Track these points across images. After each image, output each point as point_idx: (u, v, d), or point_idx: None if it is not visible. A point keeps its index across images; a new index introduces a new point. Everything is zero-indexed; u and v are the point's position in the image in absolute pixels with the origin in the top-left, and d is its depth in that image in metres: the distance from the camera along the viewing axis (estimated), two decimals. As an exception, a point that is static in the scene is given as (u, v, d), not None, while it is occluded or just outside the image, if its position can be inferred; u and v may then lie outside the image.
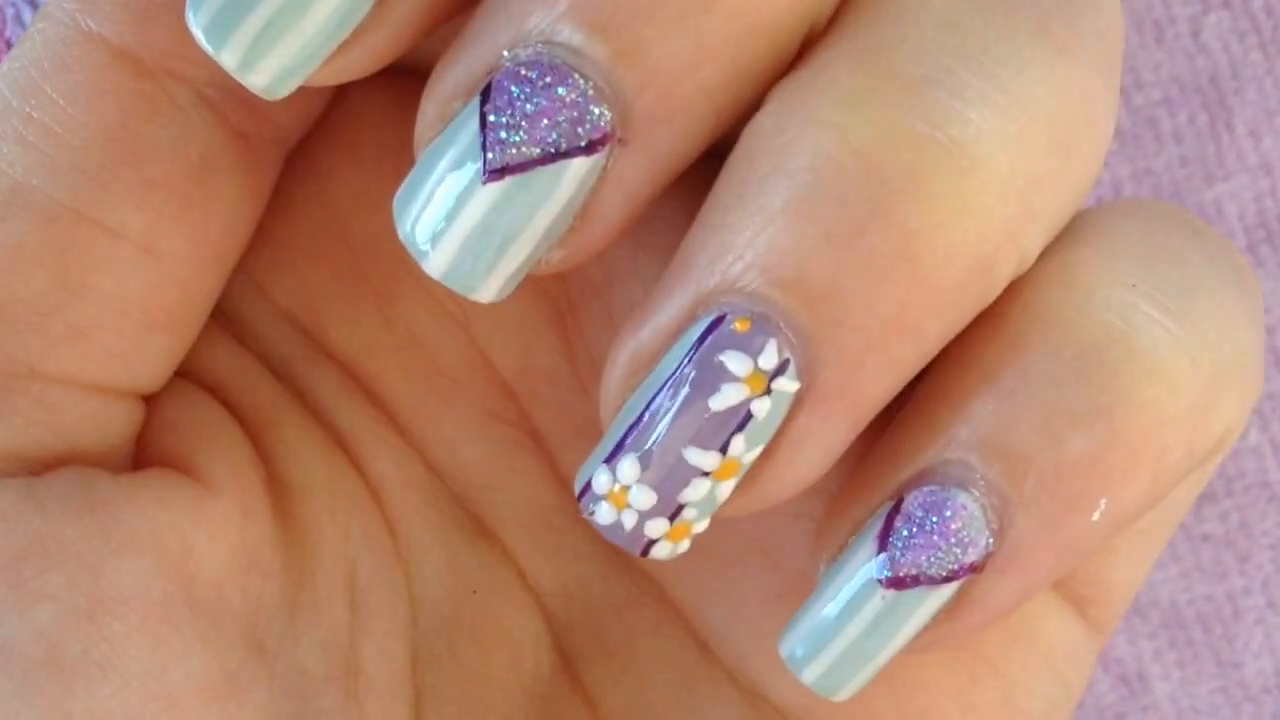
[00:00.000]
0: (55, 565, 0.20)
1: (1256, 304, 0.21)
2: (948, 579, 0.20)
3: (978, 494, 0.20)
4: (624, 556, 0.24)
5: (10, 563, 0.20)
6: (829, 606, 0.21)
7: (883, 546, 0.20)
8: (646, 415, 0.20)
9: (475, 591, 0.23)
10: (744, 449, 0.19)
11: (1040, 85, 0.19)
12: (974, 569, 0.20)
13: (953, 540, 0.20)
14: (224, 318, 0.23)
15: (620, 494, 0.20)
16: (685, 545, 0.20)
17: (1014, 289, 0.20)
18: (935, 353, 0.20)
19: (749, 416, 0.19)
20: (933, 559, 0.20)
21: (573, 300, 0.23)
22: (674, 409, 0.19)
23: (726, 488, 0.20)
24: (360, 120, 0.23)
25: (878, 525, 0.20)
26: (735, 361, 0.19)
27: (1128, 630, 0.33)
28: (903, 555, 0.20)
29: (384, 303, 0.23)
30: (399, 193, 0.20)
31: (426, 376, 0.23)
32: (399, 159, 0.23)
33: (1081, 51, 0.20)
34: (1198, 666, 0.32)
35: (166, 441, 0.22)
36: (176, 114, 0.21)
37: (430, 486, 0.24)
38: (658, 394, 0.19)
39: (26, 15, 0.28)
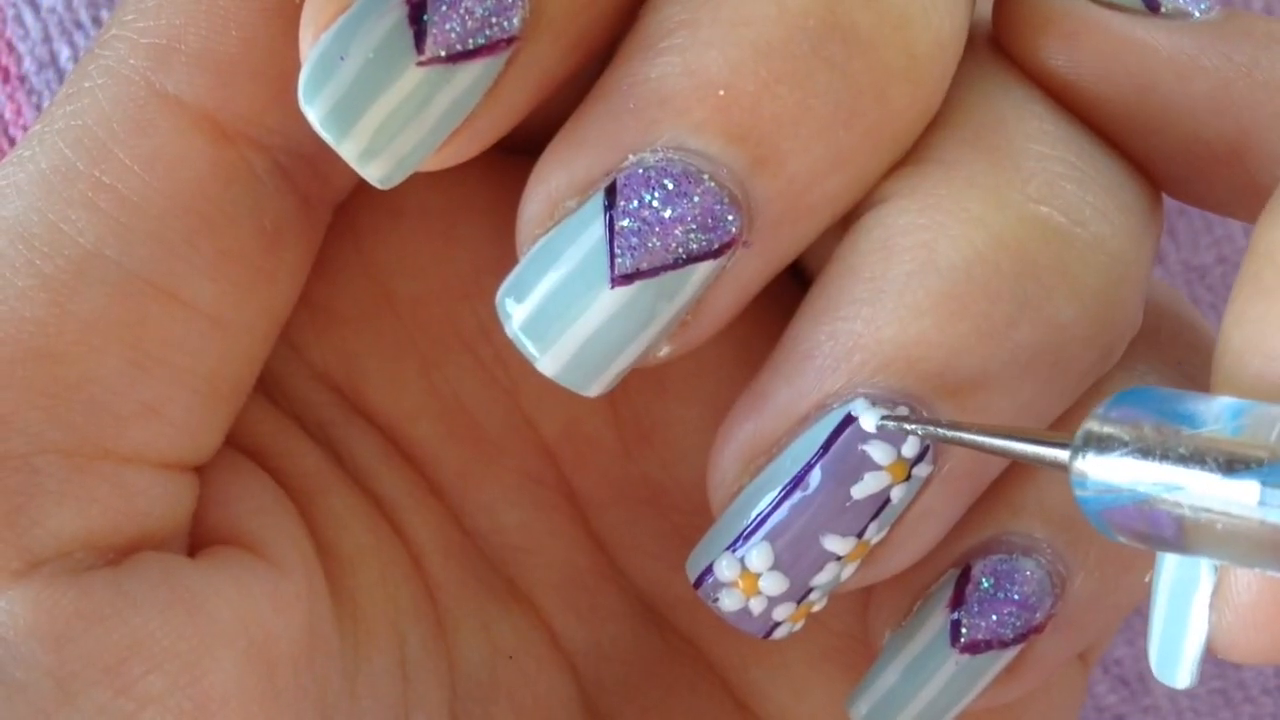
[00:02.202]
0: (156, 666, 0.19)
1: None
2: (1016, 641, 0.21)
3: (1044, 560, 0.20)
4: (658, 616, 0.24)
5: (113, 666, 0.19)
6: (901, 671, 0.21)
7: (955, 613, 0.21)
8: (781, 503, 0.20)
9: (511, 657, 0.23)
10: (875, 532, 0.20)
11: (1135, 175, 0.20)
12: (1038, 629, 0.21)
13: (1023, 606, 0.21)
14: (260, 380, 0.22)
15: (750, 580, 0.20)
16: (802, 624, 0.21)
17: None
18: None
19: (886, 502, 0.20)
20: (1004, 624, 0.21)
21: None
22: (814, 497, 0.20)
23: (853, 568, 0.20)
24: (406, 181, 0.22)
25: (946, 592, 0.21)
26: (879, 451, 0.19)
27: (1127, 631, 0.33)
28: (976, 621, 0.21)
29: (429, 367, 0.23)
30: (504, 288, 0.19)
31: (470, 441, 0.23)
32: (441, 220, 0.23)
33: None
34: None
35: (223, 515, 0.21)
36: (253, 182, 0.20)
37: (466, 551, 0.23)
38: (793, 482, 0.20)
39: (27, 16, 0.28)
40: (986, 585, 0.21)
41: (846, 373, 0.19)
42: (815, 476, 0.20)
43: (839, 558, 0.20)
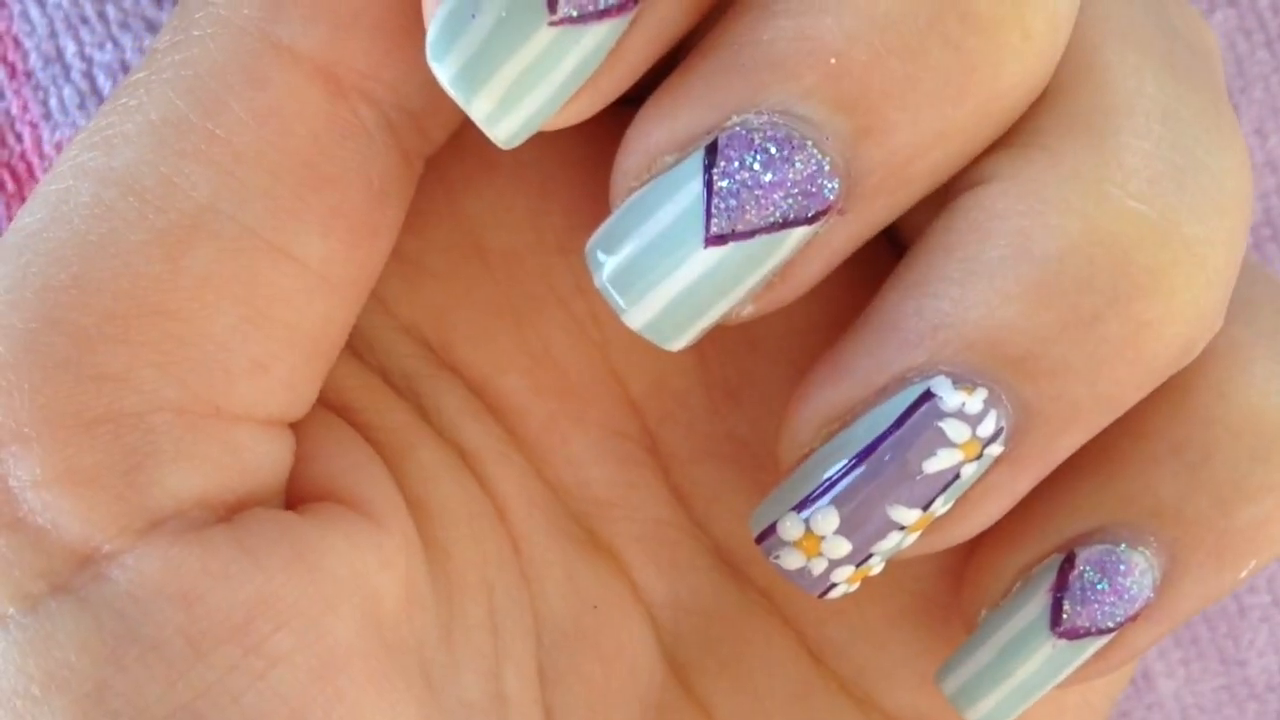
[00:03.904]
0: (284, 624, 0.19)
1: None
2: (1114, 630, 0.21)
3: (1148, 553, 0.21)
4: (736, 570, 0.24)
5: (243, 624, 0.19)
6: (997, 651, 0.21)
7: (1057, 598, 0.21)
8: (851, 470, 0.20)
9: (596, 606, 0.23)
10: (942, 505, 0.20)
11: (1233, 174, 0.20)
12: (1133, 619, 0.21)
13: (1124, 596, 0.21)
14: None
15: (813, 541, 0.20)
16: (858, 585, 0.21)
17: (1197, 362, 0.21)
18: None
19: (955, 478, 0.20)
20: (1104, 613, 0.21)
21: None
22: (885, 468, 0.20)
23: (914, 537, 0.20)
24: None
25: (1049, 577, 0.21)
26: (954, 429, 0.19)
27: (1132, 629, 0.33)
28: (1078, 608, 0.21)
29: (520, 321, 0.23)
30: (595, 238, 0.19)
31: (557, 395, 0.23)
32: (535, 173, 0.23)
33: (1236, 128, 0.21)
34: (1202, 664, 0.32)
35: (319, 472, 0.21)
36: (364, 138, 0.20)
37: (550, 503, 0.23)
38: (865, 451, 0.20)
39: (33, 11, 0.28)
40: (1091, 575, 0.21)
41: (930, 349, 0.19)
42: (888, 448, 0.20)
43: (902, 527, 0.20)
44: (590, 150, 0.22)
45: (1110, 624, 0.21)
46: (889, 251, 0.21)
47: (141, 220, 0.19)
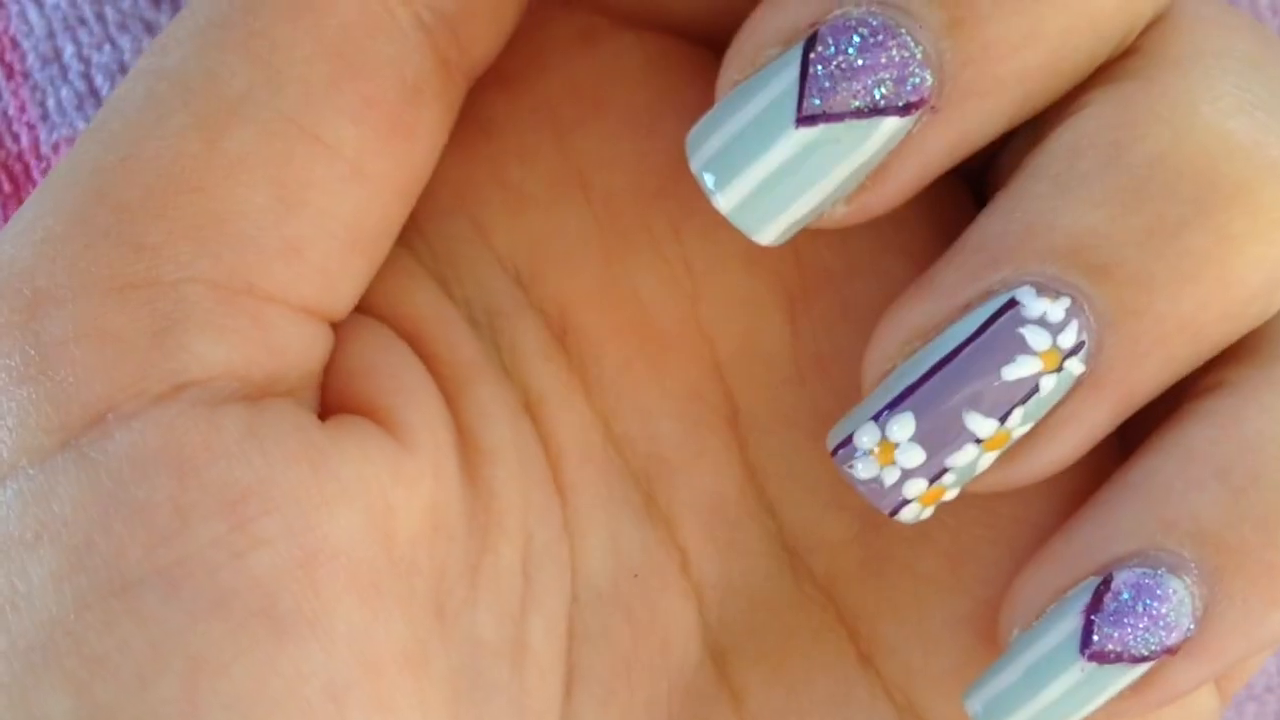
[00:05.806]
0: (274, 510, 0.19)
1: None
2: (1147, 658, 0.21)
3: (1189, 581, 0.20)
4: (796, 559, 0.24)
5: (233, 502, 0.19)
6: (1024, 672, 0.21)
7: (1088, 619, 0.21)
8: (930, 376, 0.20)
9: (636, 575, 0.23)
10: (1019, 423, 0.20)
11: None
12: (1170, 651, 0.21)
13: (1159, 623, 0.20)
14: (434, 263, 0.23)
15: (887, 450, 0.20)
16: (930, 511, 0.21)
17: (1244, 385, 0.21)
18: (1202, 362, 0.21)
19: (1034, 391, 0.20)
20: (1137, 638, 0.21)
21: (807, 288, 0.23)
22: (964, 373, 0.20)
23: (989, 459, 0.20)
24: (612, 77, 0.23)
25: (1084, 598, 0.21)
26: (1035, 336, 0.20)
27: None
28: (1109, 630, 0.21)
29: (611, 259, 0.23)
30: (696, 127, 0.20)
31: (638, 341, 0.23)
32: (649, 118, 0.23)
33: None
34: (1201, 666, 0.32)
35: (363, 385, 0.22)
36: (395, 33, 0.21)
37: (607, 458, 0.23)
38: (945, 358, 0.20)
39: (31, 13, 0.28)
40: (1126, 597, 0.21)
41: (1015, 261, 0.20)
42: (967, 353, 0.20)
43: (978, 440, 0.20)
44: (701, 96, 0.22)
45: (1144, 651, 0.20)
46: None
47: (184, 107, 0.20)
